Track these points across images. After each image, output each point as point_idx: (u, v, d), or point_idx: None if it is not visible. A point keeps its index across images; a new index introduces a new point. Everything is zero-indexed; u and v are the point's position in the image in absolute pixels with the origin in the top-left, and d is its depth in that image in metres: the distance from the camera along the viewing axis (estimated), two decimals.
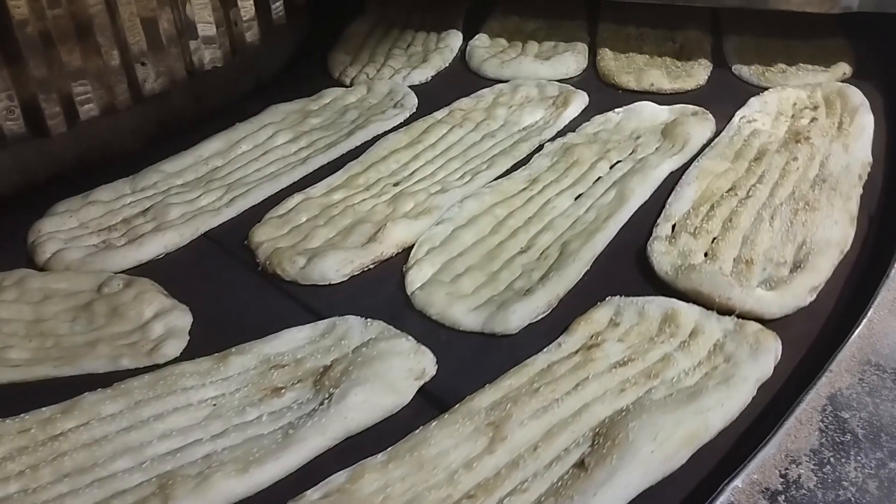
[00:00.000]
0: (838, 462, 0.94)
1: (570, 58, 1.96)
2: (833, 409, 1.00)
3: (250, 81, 2.04)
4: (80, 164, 1.70)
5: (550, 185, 1.53)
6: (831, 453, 0.95)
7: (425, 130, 1.72)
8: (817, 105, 1.72)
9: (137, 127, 1.78)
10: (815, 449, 0.96)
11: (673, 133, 1.65)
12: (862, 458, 0.95)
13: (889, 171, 1.53)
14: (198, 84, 1.86)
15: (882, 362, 1.07)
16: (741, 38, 2.02)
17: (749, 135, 1.63)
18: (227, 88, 1.96)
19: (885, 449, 0.96)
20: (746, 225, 1.38)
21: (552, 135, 1.71)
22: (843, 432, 0.98)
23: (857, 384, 1.04)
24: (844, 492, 0.91)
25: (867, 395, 1.02)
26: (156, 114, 1.81)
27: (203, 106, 1.90)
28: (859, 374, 1.05)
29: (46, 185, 1.66)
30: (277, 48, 2.11)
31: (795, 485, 0.91)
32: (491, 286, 1.30)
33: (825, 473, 0.93)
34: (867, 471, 0.93)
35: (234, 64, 1.91)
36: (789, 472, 0.93)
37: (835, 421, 0.99)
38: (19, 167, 1.63)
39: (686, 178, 1.51)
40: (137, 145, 1.78)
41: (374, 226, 1.43)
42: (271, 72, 2.11)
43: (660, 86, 1.85)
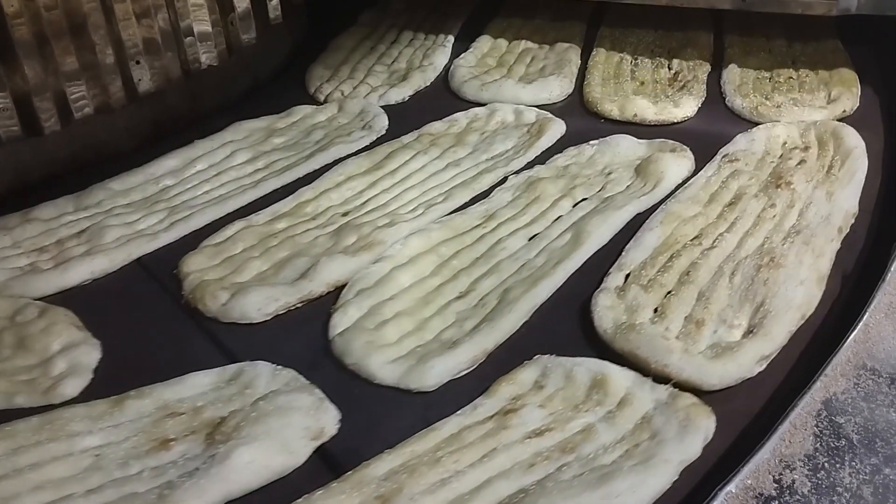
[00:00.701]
0: (833, 468, 0.93)
1: (554, 82, 1.85)
2: (828, 414, 0.99)
3: (247, 81, 2.01)
4: (75, 164, 1.68)
5: (506, 223, 1.44)
6: (826, 459, 0.94)
7: (388, 156, 1.63)
8: (809, 145, 1.59)
9: (132, 126, 1.76)
10: (810, 454, 0.95)
11: (646, 170, 1.54)
12: (857, 464, 0.94)
13: (876, 224, 1.41)
14: (193, 83, 1.84)
15: (878, 367, 1.06)
16: (741, 67, 1.89)
17: (728, 176, 1.51)
18: (224, 88, 1.94)
19: (880, 454, 0.95)
20: (705, 279, 1.27)
21: (520, 166, 1.61)
22: (837, 437, 0.97)
23: (852, 389, 1.03)
24: (839, 498, 0.90)
25: (862, 399, 1.02)
26: (151, 113, 1.78)
27: (199, 105, 1.88)
28: (854, 379, 1.04)
29: (40, 184, 1.63)
30: (274, 48, 2.09)
31: (789, 490, 0.91)
32: (417, 335, 1.21)
33: (819, 479, 0.92)
34: (862, 476, 0.92)
35: (231, 63, 1.89)
36: (783, 478, 0.92)
37: (829, 426, 0.98)
38: (13, 166, 1.61)
39: (650, 223, 1.40)
40: (132, 144, 1.75)
41: (309, 260, 1.35)
42: (268, 72, 2.08)
43: (643, 116, 1.73)
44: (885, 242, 1.32)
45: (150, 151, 1.68)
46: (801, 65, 1.89)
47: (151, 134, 1.79)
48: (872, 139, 1.62)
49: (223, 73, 1.89)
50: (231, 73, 1.93)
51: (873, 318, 1.13)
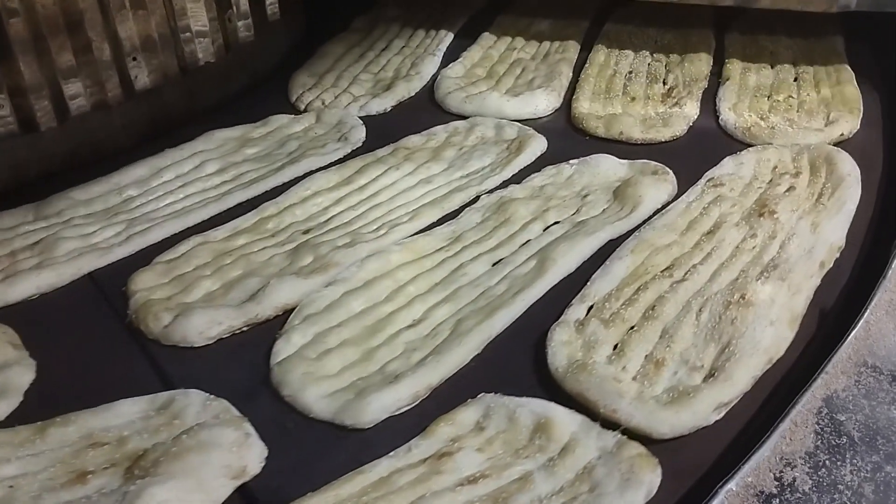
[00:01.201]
0: (833, 465, 0.93)
1: (541, 96, 1.78)
2: (829, 412, 0.99)
3: (244, 78, 1.99)
4: (71, 161, 1.67)
5: (470, 247, 1.37)
6: (827, 456, 0.94)
7: (359, 170, 1.58)
8: (800, 171, 1.51)
9: (129, 123, 1.74)
10: (811, 452, 0.94)
11: (624, 194, 1.47)
12: (858, 462, 0.93)
13: (861, 259, 1.32)
14: (190, 80, 1.82)
15: (879, 364, 1.05)
16: (740, 83, 1.81)
17: (711, 202, 1.44)
18: (221, 85, 1.92)
19: (881, 452, 0.94)
20: (670, 315, 1.20)
21: (494, 185, 1.54)
22: (838, 435, 0.96)
23: (853, 386, 1.02)
24: (840, 495, 0.90)
25: (863, 397, 1.01)
26: (148, 110, 1.77)
27: (196, 102, 1.86)
28: (855, 376, 1.04)
29: (37, 181, 1.62)
30: (272, 45, 2.07)
31: (790, 488, 0.90)
32: (361, 366, 1.15)
33: (820, 477, 0.92)
34: (863, 474, 0.92)
35: (228, 60, 1.88)
36: (784, 475, 0.91)
37: (830, 423, 0.98)
38: (9, 163, 1.60)
39: (620, 251, 1.33)
40: (129, 141, 1.74)
41: (261, 281, 1.30)
42: (266, 68, 2.06)
43: (629, 135, 1.66)
44: (868, 278, 1.24)
45: (146, 148, 1.67)
46: (803, 83, 1.80)
47: (148, 131, 1.77)
48: (870, 165, 1.53)
49: (220, 70, 1.88)
50: (228, 70, 1.92)
51: (874, 316, 1.12)
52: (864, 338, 1.09)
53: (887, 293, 1.17)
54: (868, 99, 1.74)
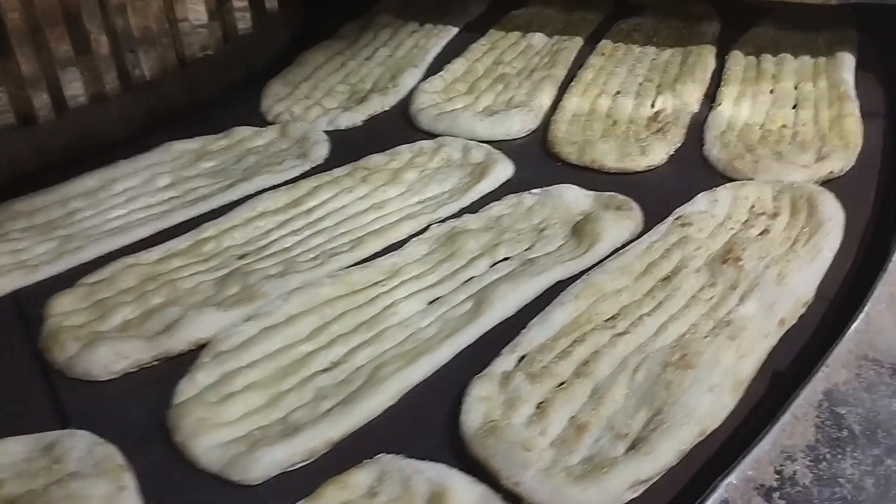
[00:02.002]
0: (834, 458, 0.92)
1: (515, 117, 1.69)
2: (829, 405, 0.98)
3: (242, 71, 1.99)
4: (69, 153, 1.67)
5: (408, 282, 1.29)
6: (827, 450, 0.93)
7: (309, 192, 1.50)
8: (779, 212, 1.39)
9: (127, 115, 1.75)
10: (811, 445, 0.94)
11: (583, 230, 1.37)
12: (858, 455, 0.92)
13: (831, 316, 1.20)
14: (189, 72, 1.83)
15: (879, 357, 1.04)
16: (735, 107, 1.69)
17: (675, 243, 1.33)
18: (219, 77, 1.92)
19: (882, 445, 0.93)
20: (604, 372, 1.10)
21: (450, 213, 1.45)
22: (839, 428, 0.95)
23: (853, 379, 1.02)
24: (840, 489, 0.89)
25: (864, 390, 1.00)
26: (146, 102, 1.77)
27: (194, 95, 1.87)
28: (856, 370, 1.03)
29: (34, 174, 1.62)
30: (271, 37, 2.08)
31: (791, 481, 0.89)
32: (264, 413, 1.08)
33: (821, 470, 0.91)
34: (863, 468, 0.91)
35: (226, 52, 1.90)
36: (784, 469, 0.91)
37: (831, 417, 0.97)
38: (6, 156, 1.60)
39: (564, 295, 1.23)
40: (127, 134, 1.74)
41: (181, 311, 1.23)
42: (264, 61, 2.05)
43: (602, 163, 1.56)
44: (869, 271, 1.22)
45: (144, 141, 1.68)
46: (802, 110, 1.67)
47: (146, 123, 1.77)
48: (859, 206, 1.41)
49: (219, 62, 1.89)
50: (227, 62, 1.92)
51: (874, 309, 1.11)
52: (864, 331, 1.08)
53: (888, 286, 1.15)
54: (871, 130, 1.61)
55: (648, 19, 2.13)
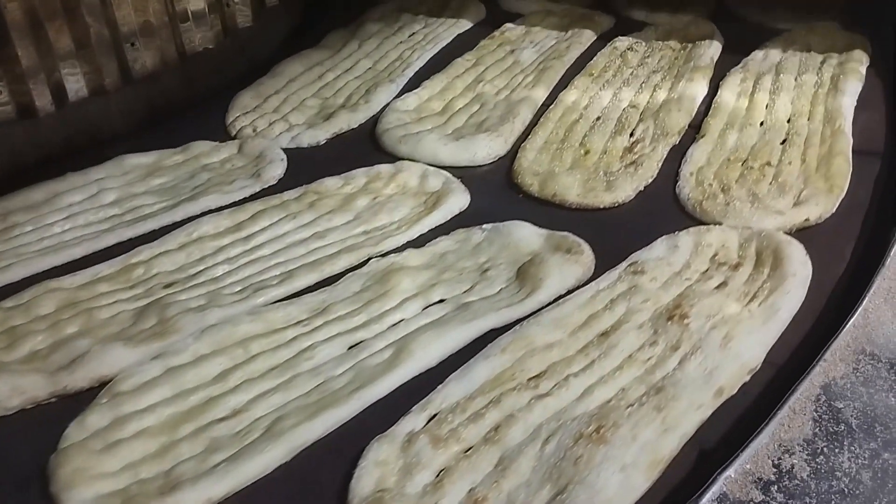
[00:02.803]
0: (832, 452, 0.93)
1: (482, 142, 1.60)
2: (827, 399, 0.99)
3: (242, 64, 1.98)
4: (69, 146, 1.67)
5: (332, 323, 1.22)
6: (825, 443, 0.94)
7: (253, 216, 1.44)
8: (742, 262, 1.29)
9: (127, 109, 1.75)
10: (809, 439, 0.95)
11: (527, 273, 1.28)
12: (856, 449, 0.94)
13: (778, 384, 1.10)
14: (189, 66, 1.84)
15: (877, 352, 1.06)
16: (719, 140, 1.59)
17: (623, 293, 1.24)
18: (219, 71, 1.92)
19: (879, 439, 0.95)
20: (514, 440, 1.02)
21: (393, 246, 1.38)
22: (836, 422, 0.97)
23: (851, 374, 1.03)
24: (838, 482, 0.90)
25: (861, 384, 1.01)
26: (146, 95, 1.78)
27: (194, 88, 1.87)
28: (854, 364, 1.04)
29: (34, 167, 1.62)
30: (270, 31, 2.10)
31: (788, 475, 0.90)
32: (149, 465, 1.02)
33: (818, 464, 0.92)
34: (861, 461, 0.92)
35: (226, 46, 1.90)
36: (782, 462, 0.92)
37: (829, 411, 0.98)
38: (7, 149, 1.60)
39: (490, 348, 1.15)
40: (127, 127, 1.75)
41: (90, 344, 1.18)
42: (264, 54, 2.05)
43: (564, 197, 1.46)
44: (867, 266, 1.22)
45: (143, 135, 1.70)
46: (790, 146, 1.56)
47: (146, 117, 1.78)
48: (834, 258, 1.30)
49: (219, 55, 1.89)
50: (227, 56, 1.93)
51: (872, 304, 1.12)
52: (862, 325, 1.09)
53: (886, 281, 1.16)
54: (864, 172, 1.50)
55: (647, 37, 2.02)
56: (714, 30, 1.99)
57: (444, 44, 2.05)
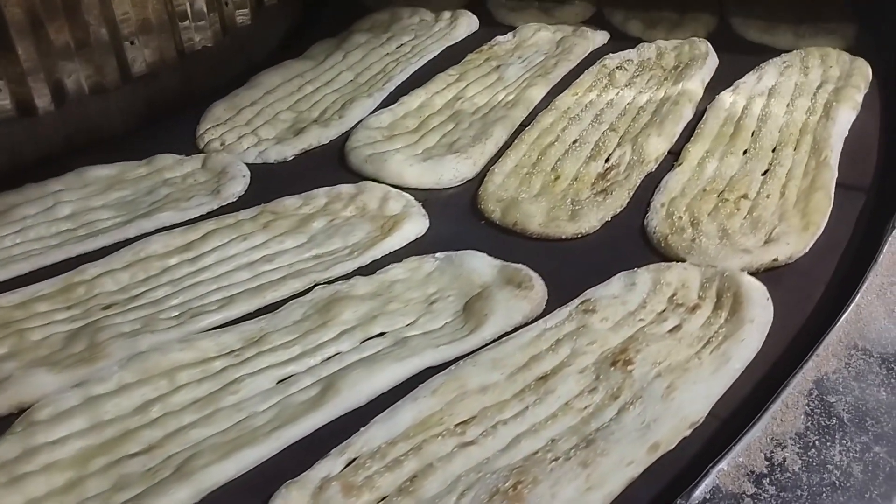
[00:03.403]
0: (823, 446, 0.94)
1: (449, 164, 1.55)
2: (819, 394, 1.00)
3: (241, 63, 2.01)
4: (68, 145, 1.69)
5: (266, 354, 1.18)
6: (817, 437, 0.95)
7: (204, 236, 1.40)
8: (700, 304, 1.22)
9: (126, 107, 1.77)
10: (801, 433, 0.96)
11: (473, 307, 1.23)
12: (847, 442, 0.95)
13: (720, 439, 1.04)
14: (188, 64, 1.84)
15: (869, 347, 1.07)
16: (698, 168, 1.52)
17: (570, 334, 1.18)
18: (218, 69, 1.94)
19: (870, 433, 0.96)
20: (430, 492, 0.97)
21: (342, 273, 1.34)
22: (828, 416, 0.98)
23: (843, 369, 1.04)
24: (829, 475, 0.91)
25: (853, 379, 1.02)
26: (145, 94, 1.79)
27: (193, 87, 1.88)
28: (846, 359, 1.05)
29: (34, 165, 1.64)
30: (269, 29, 2.12)
31: (780, 468, 0.92)
32: (52, 502, 0.98)
33: (810, 457, 0.93)
34: (852, 454, 0.93)
35: (225, 45, 1.90)
36: (774, 456, 0.93)
37: (821, 405, 0.99)
38: (6, 147, 1.62)
39: (421, 389, 1.10)
40: (126, 126, 1.77)
41: (15, 368, 1.15)
42: (263, 53, 2.09)
43: (524, 226, 1.41)
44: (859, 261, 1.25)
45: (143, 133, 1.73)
46: (772, 178, 1.48)
47: (145, 115, 1.79)
48: (797, 306, 1.23)
49: (217, 54, 1.90)
50: (225, 54, 1.94)
51: (865, 299, 1.14)
52: (854, 321, 1.10)
53: (878, 277, 1.17)
54: (846, 208, 1.42)
55: (639, 56, 1.95)
56: (709, 50, 1.92)
57: (430, 57, 2.00)
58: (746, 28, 2.04)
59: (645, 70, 1.88)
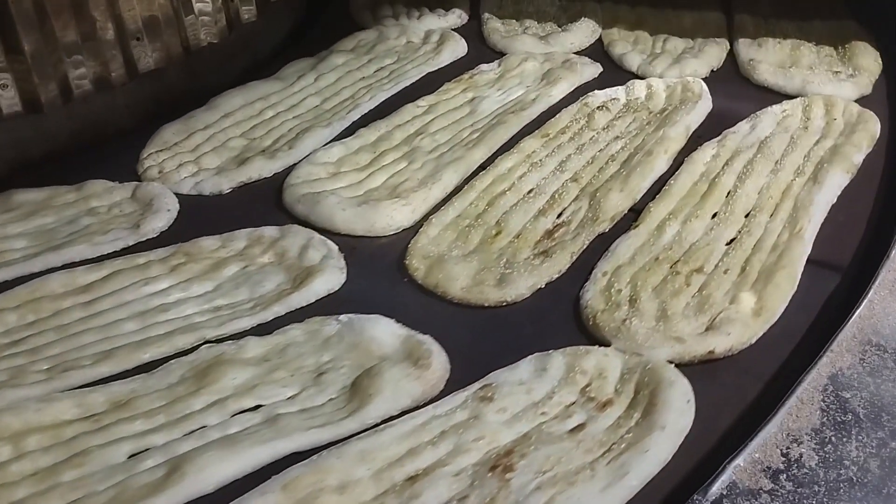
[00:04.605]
0: (840, 441, 0.95)
1: (385, 210, 1.44)
2: (834, 389, 1.01)
3: (246, 59, 2.02)
4: (75, 141, 1.69)
5: (127, 422, 1.08)
6: (832, 433, 0.96)
7: (107, 277, 1.32)
8: (613, 400, 1.09)
9: (132, 103, 1.77)
10: (817, 428, 0.96)
11: (360, 385, 1.12)
12: (863, 438, 0.95)
13: None
14: (193, 61, 1.84)
15: (883, 343, 1.08)
16: (655, 231, 1.38)
17: (457, 425, 1.07)
18: (223, 65, 1.94)
19: (886, 428, 0.96)
20: None
21: (238, 329, 1.23)
22: (844, 412, 0.98)
23: (857, 364, 1.05)
24: (846, 471, 0.92)
25: (868, 375, 1.03)
26: (151, 90, 1.79)
27: (198, 83, 1.88)
28: (860, 355, 1.06)
29: (41, 161, 1.65)
30: (274, 26, 2.12)
31: (797, 464, 0.92)
32: None
33: (826, 452, 0.94)
34: (868, 450, 0.94)
35: (231, 41, 1.89)
36: (791, 451, 0.94)
37: (836, 401, 1.00)
38: (13, 143, 1.62)
39: (270, 483, 0.99)
40: (132, 122, 1.76)
41: None
42: (268, 49, 2.09)
43: (445, 289, 1.29)
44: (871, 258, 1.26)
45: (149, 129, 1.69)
46: (735, 250, 1.33)
47: (152, 112, 1.78)
48: (728, 406, 1.08)
49: (223, 50, 1.89)
50: (231, 50, 1.94)
51: (878, 295, 1.14)
52: (868, 317, 1.11)
53: (891, 273, 1.18)
54: (813, 291, 1.26)
55: (628, 93, 1.80)
56: (702, 92, 1.76)
57: (407, 83, 1.88)
58: (754, 67, 1.86)
59: (629, 111, 1.74)
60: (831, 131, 1.62)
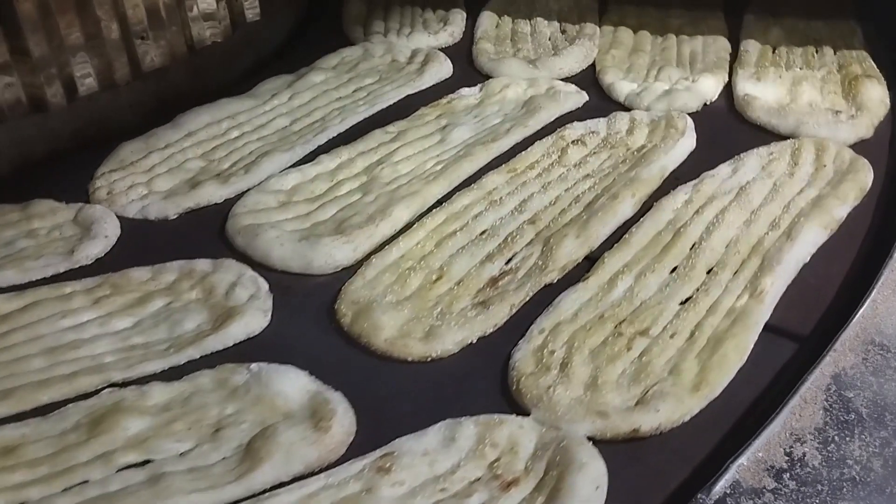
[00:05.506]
0: (843, 441, 0.96)
1: (324, 248, 1.37)
2: (837, 389, 1.02)
3: (250, 57, 2.03)
4: (79, 140, 1.70)
5: (5, 472, 1.03)
6: (836, 432, 0.97)
7: (28, 306, 1.28)
8: (520, 478, 1.01)
9: (136, 102, 1.78)
10: (820, 428, 0.97)
11: (253, 445, 1.06)
12: (866, 437, 0.96)
13: None
14: (197, 59, 1.86)
15: (886, 342, 1.08)
16: (611, 283, 1.29)
17: (347, 498, 1.00)
18: (227, 64, 1.96)
19: (890, 428, 0.97)
20: None
21: (144, 373, 1.18)
22: (847, 411, 0.99)
23: (860, 364, 1.05)
24: (849, 470, 0.92)
25: (871, 374, 1.04)
26: (155, 89, 1.80)
27: (202, 81, 1.89)
28: (863, 354, 1.07)
29: (44, 160, 1.66)
30: (277, 24, 2.13)
31: (800, 463, 0.93)
32: None
33: (830, 452, 0.95)
34: (871, 449, 0.95)
35: (234, 39, 1.92)
36: (794, 451, 0.94)
37: (839, 400, 1.01)
38: (17, 141, 1.63)
39: None
40: (136, 120, 1.75)
41: None
42: (271, 48, 2.11)
43: (370, 339, 1.22)
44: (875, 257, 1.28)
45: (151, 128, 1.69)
46: (696, 303, 1.24)
47: (156, 110, 1.78)
48: (650, 490, 1.00)
49: (227, 49, 1.92)
50: (235, 49, 1.96)
51: (881, 294, 1.15)
52: (871, 316, 1.12)
53: (894, 272, 1.19)
54: (765, 360, 1.17)
55: (609, 126, 1.70)
56: (686, 128, 1.65)
57: (383, 106, 1.81)
58: (748, 103, 1.75)
59: (606, 147, 1.64)
60: (818, 179, 1.51)
